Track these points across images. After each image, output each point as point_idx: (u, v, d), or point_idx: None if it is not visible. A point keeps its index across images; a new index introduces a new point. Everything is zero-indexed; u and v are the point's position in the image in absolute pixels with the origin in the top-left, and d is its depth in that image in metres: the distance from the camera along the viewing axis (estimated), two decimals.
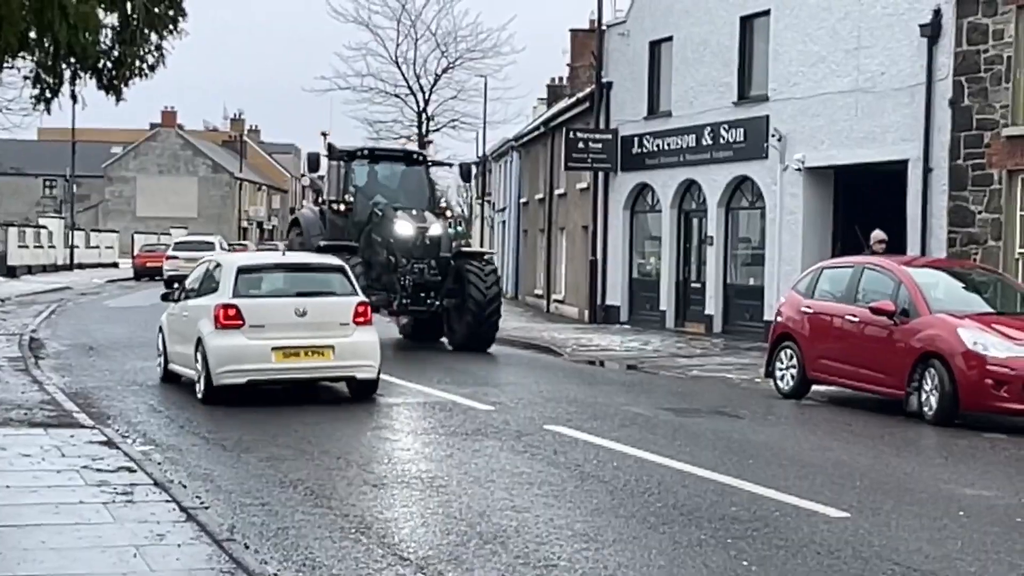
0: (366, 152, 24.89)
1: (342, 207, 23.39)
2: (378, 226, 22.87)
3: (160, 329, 17.58)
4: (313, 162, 24.58)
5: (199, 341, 15.18)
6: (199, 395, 15.19)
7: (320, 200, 25.22)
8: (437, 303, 22.78)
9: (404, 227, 22.41)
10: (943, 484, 10.66)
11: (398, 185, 24.48)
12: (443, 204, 25.49)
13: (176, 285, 18.65)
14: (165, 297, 18.17)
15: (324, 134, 26.17)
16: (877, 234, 19.15)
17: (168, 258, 49.34)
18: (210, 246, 46.37)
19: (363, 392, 15.69)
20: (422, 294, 22.52)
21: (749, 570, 7.63)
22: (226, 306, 14.99)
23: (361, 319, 15.54)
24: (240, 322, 14.92)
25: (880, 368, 15.12)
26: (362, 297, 16.00)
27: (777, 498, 9.70)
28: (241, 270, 15.57)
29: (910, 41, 22.06)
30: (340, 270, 16.16)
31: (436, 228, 22.65)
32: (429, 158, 26.55)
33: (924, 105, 21.62)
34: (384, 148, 28.95)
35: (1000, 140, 20.18)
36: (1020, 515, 9.42)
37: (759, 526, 8.74)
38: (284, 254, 18.28)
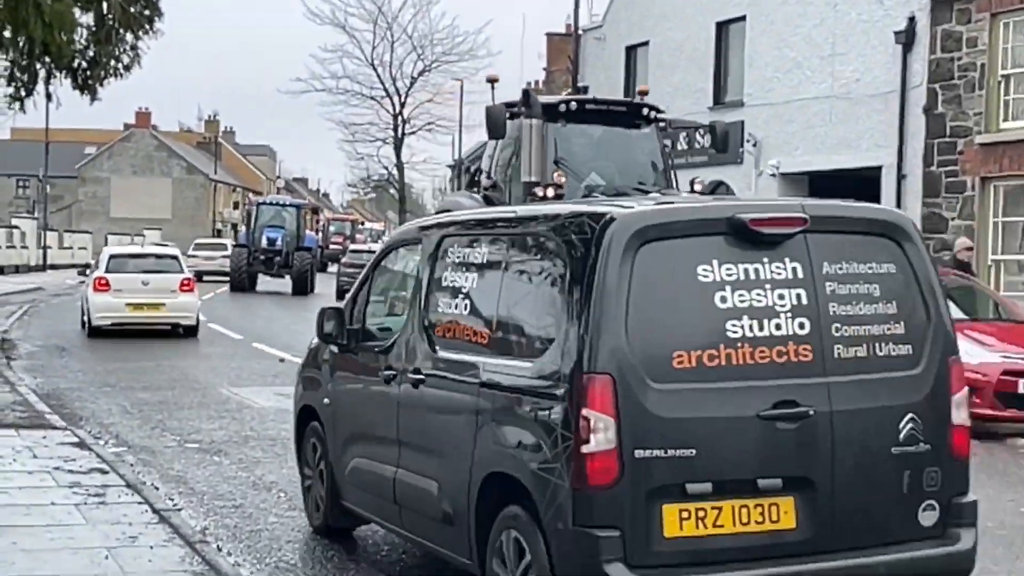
0: (573, 106, 15.99)
1: (550, 192, 14.64)
2: None
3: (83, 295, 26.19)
4: (498, 123, 15.33)
5: (86, 299, 24.49)
6: (86, 332, 24.04)
7: (488, 185, 16.05)
8: None
9: None
10: None
11: (614, 155, 16.55)
12: (697, 186, 17.01)
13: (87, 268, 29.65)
14: (80, 273, 28.91)
15: (492, 80, 16.61)
16: (963, 241, 18.64)
17: (189, 256, 50.64)
18: (223, 247, 53.99)
19: (188, 333, 24.25)
20: None
21: None
22: (99, 278, 23.98)
23: (185, 288, 24.29)
24: (107, 287, 23.78)
25: None
26: (187, 274, 24.86)
27: None
28: (111, 256, 25.23)
29: (885, 48, 22.18)
30: (175, 258, 25.67)
31: None
32: (664, 116, 17.66)
33: (898, 112, 21.77)
34: (597, 100, 17.81)
35: (973, 147, 20.32)
36: (991, 520, 9.46)
37: None
38: (143, 247, 32.14)
